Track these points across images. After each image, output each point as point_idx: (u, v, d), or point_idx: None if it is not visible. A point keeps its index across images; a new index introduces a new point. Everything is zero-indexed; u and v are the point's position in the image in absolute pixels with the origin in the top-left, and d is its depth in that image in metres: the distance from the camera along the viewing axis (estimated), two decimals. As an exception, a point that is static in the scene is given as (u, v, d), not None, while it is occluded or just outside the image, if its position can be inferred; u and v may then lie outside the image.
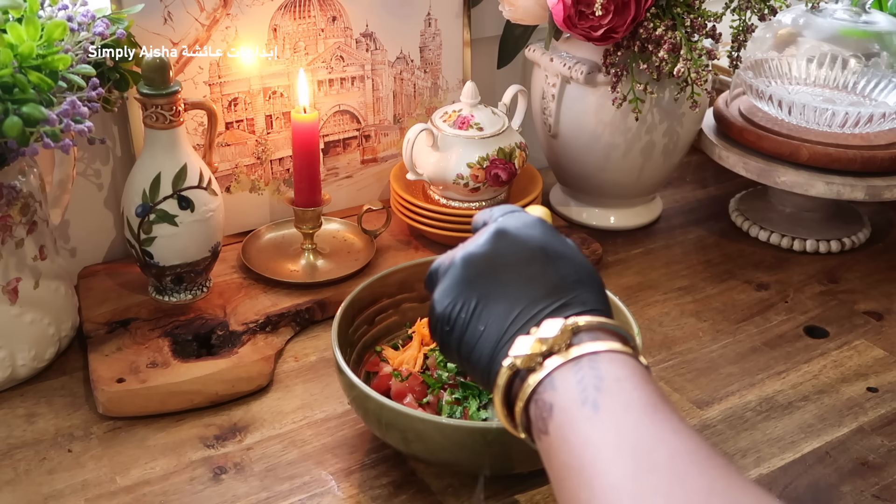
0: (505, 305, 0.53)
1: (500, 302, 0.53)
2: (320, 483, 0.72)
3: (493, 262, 0.55)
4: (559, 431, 0.47)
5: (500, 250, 0.55)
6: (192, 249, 0.87)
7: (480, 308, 0.54)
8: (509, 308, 0.53)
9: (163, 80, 0.82)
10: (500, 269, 0.54)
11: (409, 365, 0.77)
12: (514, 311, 0.53)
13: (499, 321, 0.53)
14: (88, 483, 0.72)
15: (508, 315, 0.53)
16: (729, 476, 0.42)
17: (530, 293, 0.53)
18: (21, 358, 0.80)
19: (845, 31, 1.09)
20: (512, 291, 0.53)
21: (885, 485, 0.73)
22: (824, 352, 0.90)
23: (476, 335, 0.54)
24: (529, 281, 0.54)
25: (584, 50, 1.01)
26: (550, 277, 0.54)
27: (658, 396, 0.47)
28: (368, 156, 1.10)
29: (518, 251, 0.55)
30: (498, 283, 0.54)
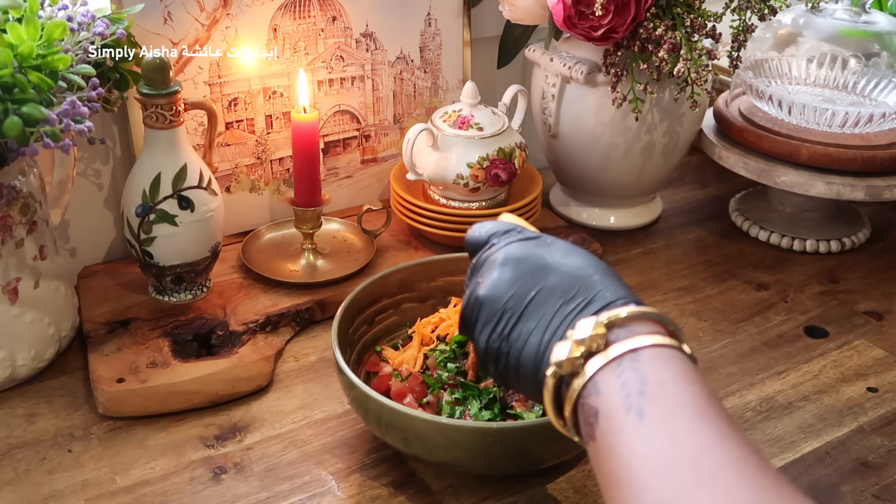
0: (536, 320, 0.55)
1: (531, 319, 0.55)
2: (320, 483, 0.72)
3: (512, 288, 0.57)
4: (605, 439, 0.47)
5: (517, 275, 0.57)
6: (192, 249, 0.87)
7: (516, 332, 0.55)
8: (541, 321, 0.54)
9: (163, 80, 0.82)
10: (521, 291, 0.56)
11: (409, 365, 0.77)
12: (546, 322, 0.54)
13: (536, 336, 0.54)
14: (88, 483, 0.72)
15: (543, 328, 0.54)
16: (778, 486, 0.42)
17: (556, 301, 0.54)
18: (21, 358, 0.80)
19: (845, 31, 1.09)
20: (539, 306, 0.55)
21: (885, 485, 0.73)
22: (824, 352, 0.90)
23: (517, 356, 0.55)
24: (551, 292, 0.55)
25: (584, 50, 1.01)
26: (569, 281, 0.55)
27: (705, 397, 0.47)
28: (368, 156, 1.10)
29: (532, 269, 0.57)
30: (524, 302, 0.56)
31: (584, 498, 0.71)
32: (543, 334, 0.54)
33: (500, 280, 0.57)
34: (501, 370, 0.57)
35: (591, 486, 0.72)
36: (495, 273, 0.58)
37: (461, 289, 0.85)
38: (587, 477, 0.73)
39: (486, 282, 0.58)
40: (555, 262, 0.57)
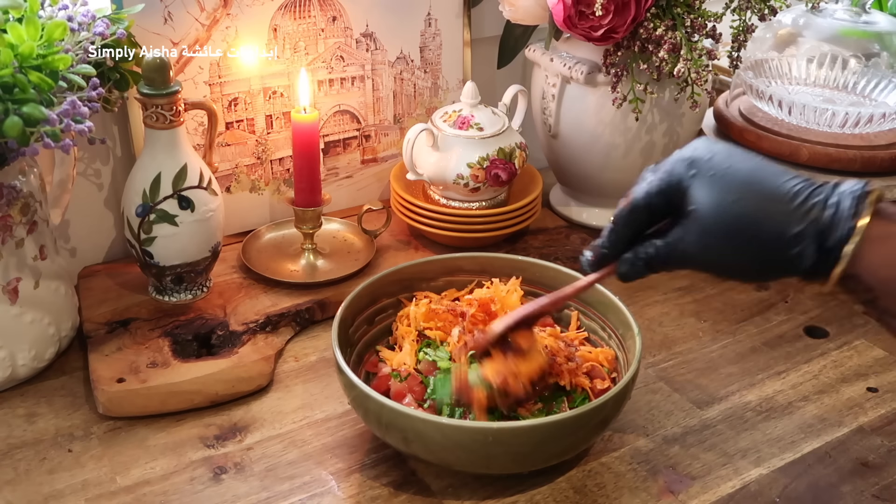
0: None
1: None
2: (320, 483, 0.72)
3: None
4: None
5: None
6: (192, 249, 0.87)
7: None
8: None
9: (163, 80, 0.82)
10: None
11: (408, 365, 0.77)
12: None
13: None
14: (88, 483, 0.72)
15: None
16: None
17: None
18: (21, 358, 0.80)
19: (845, 31, 1.09)
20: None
21: (885, 485, 0.73)
22: (824, 352, 0.90)
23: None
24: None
25: (584, 50, 1.01)
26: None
27: None
28: (368, 156, 1.10)
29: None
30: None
31: (584, 498, 0.71)
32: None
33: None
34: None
35: (591, 486, 0.72)
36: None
37: (461, 288, 0.86)
38: (587, 477, 0.73)
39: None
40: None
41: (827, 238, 0.53)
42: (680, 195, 0.58)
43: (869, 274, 0.53)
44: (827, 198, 0.54)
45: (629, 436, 0.78)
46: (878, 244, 0.52)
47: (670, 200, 0.59)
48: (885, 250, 0.52)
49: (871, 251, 0.52)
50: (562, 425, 0.67)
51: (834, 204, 0.53)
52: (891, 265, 0.52)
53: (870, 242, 0.52)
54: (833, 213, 0.53)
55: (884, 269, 0.52)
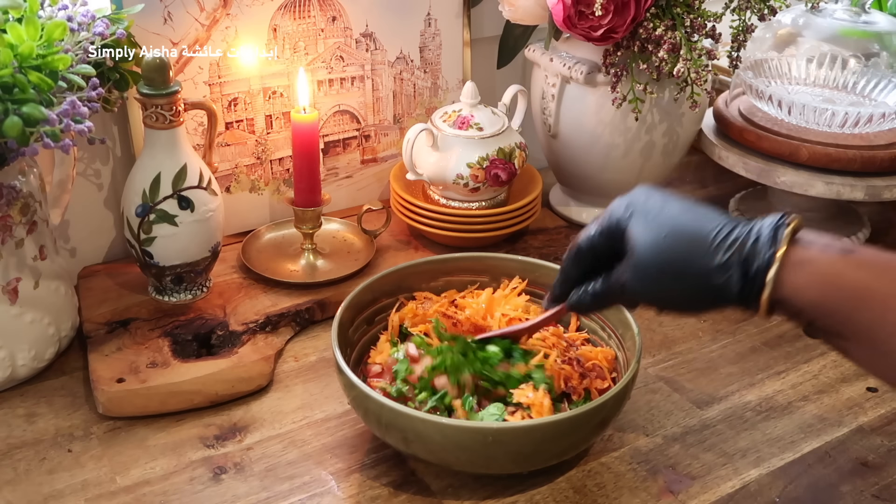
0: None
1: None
2: (320, 483, 0.72)
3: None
4: None
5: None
6: (192, 249, 0.87)
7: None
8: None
9: (163, 80, 0.82)
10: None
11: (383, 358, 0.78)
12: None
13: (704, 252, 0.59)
14: (88, 483, 0.72)
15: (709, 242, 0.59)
16: None
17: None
18: (21, 358, 0.80)
19: (845, 31, 1.09)
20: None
21: (884, 485, 0.73)
22: (824, 352, 0.90)
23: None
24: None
25: (583, 50, 1.01)
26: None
27: None
28: (368, 156, 1.10)
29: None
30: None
31: (584, 498, 0.71)
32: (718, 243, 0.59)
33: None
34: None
35: (591, 486, 0.72)
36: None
37: (461, 288, 0.86)
38: (587, 477, 0.73)
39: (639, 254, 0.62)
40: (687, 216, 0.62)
41: (750, 266, 0.57)
42: (620, 236, 0.63)
43: (795, 296, 0.56)
44: (749, 230, 0.58)
45: (629, 436, 0.78)
46: (798, 268, 0.56)
47: (612, 242, 0.63)
48: (805, 273, 0.56)
49: (793, 275, 0.56)
50: (562, 425, 0.67)
51: (755, 234, 0.57)
52: (814, 286, 0.56)
53: (790, 268, 0.56)
54: (754, 243, 0.57)
55: (808, 290, 0.56)
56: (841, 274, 0.55)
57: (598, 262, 0.66)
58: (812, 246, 0.56)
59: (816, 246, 0.56)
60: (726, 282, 0.57)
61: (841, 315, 0.55)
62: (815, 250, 0.56)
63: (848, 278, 0.55)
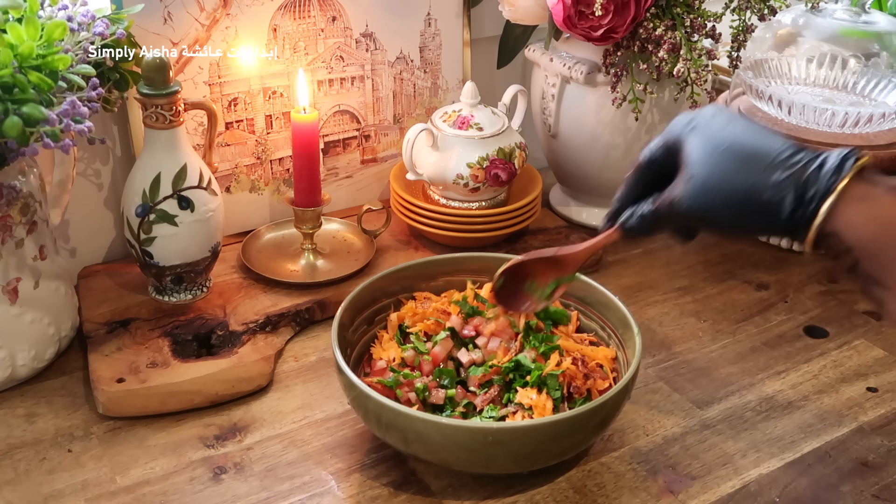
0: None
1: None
2: (320, 483, 0.72)
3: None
4: None
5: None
6: (192, 249, 0.87)
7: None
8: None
9: (163, 80, 0.82)
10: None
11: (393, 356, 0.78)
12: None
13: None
14: (88, 483, 0.72)
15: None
16: None
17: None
18: (21, 358, 0.80)
19: (845, 31, 1.09)
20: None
21: (884, 485, 0.73)
22: (824, 352, 0.90)
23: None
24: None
25: (583, 50, 1.01)
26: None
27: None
28: (368, 156, 1.10)
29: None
30: None
31: (584, 498, 0.71)
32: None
33: None
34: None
35: (591, 486, 0.72)
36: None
37: (461, 288, 0.86)
38: (587, 477, 0.73)
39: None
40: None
41: (807, 190, 0.54)
42: (678, 149, 0.60)
43: (847, 232, 0.54)
44: (815, 156, 0.56)
45: (629, 436, 0.78)
46: (857, 203, 0.53)
47: (671, 156, 0.61)
48: (864, 210, 0.53)
49: (850, 210, 0.53)
50: (562, 425, 0.67)
51: (819, 161, 0.55)
52: (869, 225, 0.53)
53: (849, 201, 0.53)
54: (817, 169, 0.55)
55: (862, 228, 0.53)
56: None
57: (658, 179, 0.63)
58: (877, 184, 0.54)
59: (882, 185, 0.54)
60: (779, 201, 0.55)
61: (890, 260, 0.52)
62: (879, 189, 0.54)
63: None
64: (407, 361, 0.77)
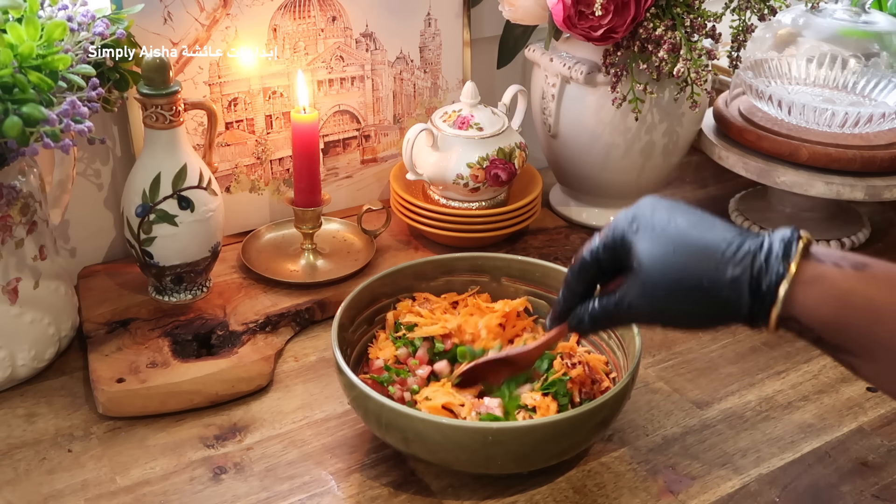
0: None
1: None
2: (320, 483, 0.72)
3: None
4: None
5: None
6: (192, 249, 0.87)
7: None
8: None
9: (163, 80, 0.82)
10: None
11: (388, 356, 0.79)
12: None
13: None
14: (88, 483, 0.72)
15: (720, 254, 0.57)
16: None
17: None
18: (21, 358, 0.80)
19: (845, 31, 1.09)
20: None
21: (884, 485, 0.73)
22: (824, 352, 0.90)
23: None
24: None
25: (583, 50, 1.01)
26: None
27: None
28: (368, 156, 1.10)
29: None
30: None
31: (584, 498, 0.71)
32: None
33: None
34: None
35: (591, 486, 0.72)
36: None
37: (461, 288, 0.86)
38: (587, 477, 0.73)
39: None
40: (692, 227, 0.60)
41: (761, 282, 0.55)
42: (625, 251, 0.60)
43: (806, 315, 0.55)
44: (760, 244, 0.56)
45: (629, 436, 0.78)
46: (810, 286, 0.54)
47: (616, 256, 0.61)
48: (818, 291, 0.54)
49: (805, 292, 0.54)
50: (562, 425, 0.67)
51: (766, 249, 0.56)
52: (825, 305, 0.54)
53: (802, 284, 0.54)
54: (765, 258, 0.55)
55: (819, 308, 0.54)
56: (854, 290, 0.53)
57: (602, 277, 0.64)
58: (825, 261, 0.55)
59: (829, 261, 0.55)
60: (737, 298, 0.56)
61: (854, 332, 0.54)
62: (827, 266, 0.54)
63: (861, 295, 0.53)
64: (400, 359, 0.78)
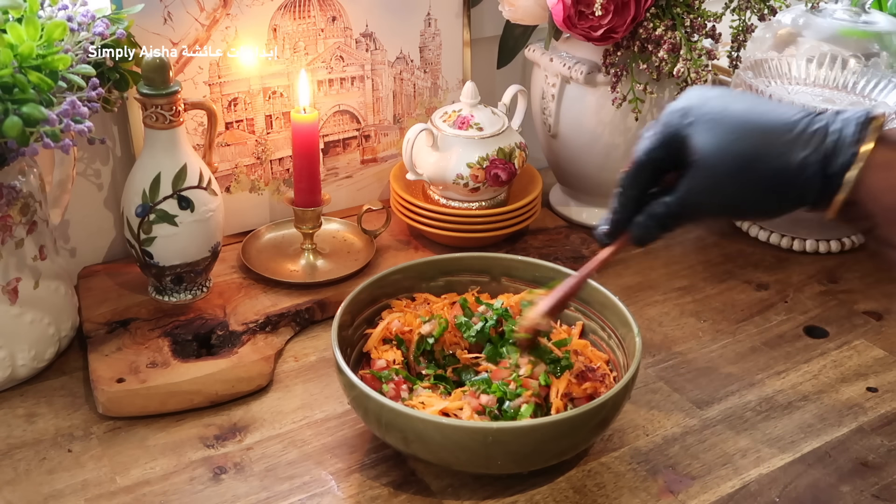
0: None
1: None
2: (320, 483, 0.72)
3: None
4: None
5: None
6: (192, 249, 0.87)
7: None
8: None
9: (163, 80, 0.82)
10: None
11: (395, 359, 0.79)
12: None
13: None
14: (88, 483, 0.72)
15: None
16: None
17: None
18: (21, 358, 0.80)
19: (845, 31, 1.09)
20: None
21: (884, 485, 0.73)
22: (824, 352, 0.90)
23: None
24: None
25: (583, 50, 1.01)
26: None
27: None
28: (368, 156, 1.10)
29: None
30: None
31: (583, 498, 0.71)
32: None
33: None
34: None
35: (591, 486, 0.72)
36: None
37: (461, 288, 0.86)
38: (587, 477, 0.73)
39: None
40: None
41: (830, 164, 0.53)
42: (680, 146, 0.58)
43: (871, 200, 0.52)
44: (829, 124, 0.54)
45: (629, 436, 0.78)
46: (881, 170, 0.52)
47: (672, 153, 0.59)
48: (889, 176, 0.52)
49: (874, 177, 0.52)
50: (562, 425, 0.67)
51: (837, 130, 0.53)
52: (892, 193, 0.52)
53: (873, 169, 0.52)
54: (836, 140, 0.53)
55: (886, 195, 0.52)
56: None
57: (658, 179, 0.61)
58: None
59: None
60: (807, 180, 0.53)
61: None
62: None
63: None
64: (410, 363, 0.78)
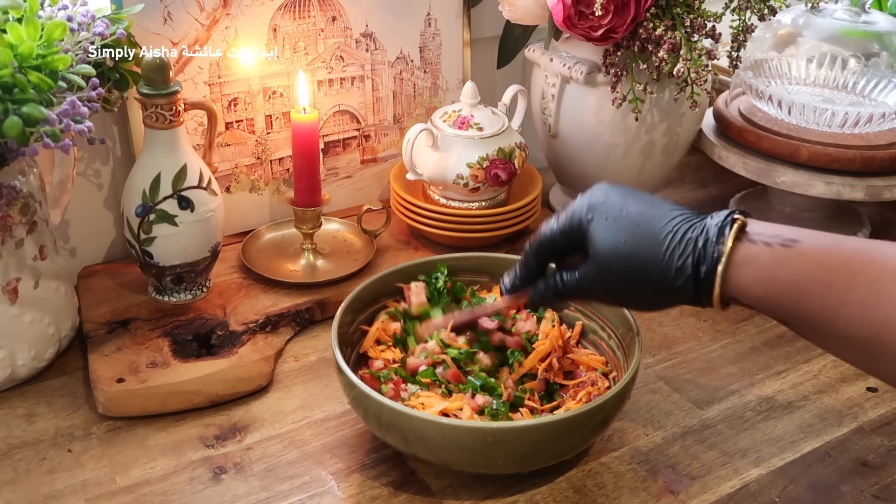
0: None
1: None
2: (320, 483, 0.72)
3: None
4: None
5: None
6: (192, 249, 0.87)
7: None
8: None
9: (163, 80, 0.82)
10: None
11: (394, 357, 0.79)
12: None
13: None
14: (88, 483, 0.72)
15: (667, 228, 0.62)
16: None
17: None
18: (21, 358, 0.80)
19: (845, 31, 1.09)
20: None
21: (884, 485, 0.73)
22: (824, 352, 0.90)
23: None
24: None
25: (583, 50, 1.01)
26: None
27: None
28: (368, 156, 1.10)
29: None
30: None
31: (584, 498, 0.71)
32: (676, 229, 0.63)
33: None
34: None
35: (591, 486, 0.72)
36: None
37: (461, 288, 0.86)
38: (587, 477, 0.73)
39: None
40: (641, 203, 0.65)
41: (700, 267, 0.59)
42: (581, 237, 0.65)
43: (741, 294, 0.59)
44: (699, 230, 0.60)
45: (629, 436, 0.78)
46: (743, 267, 0.58)
47: (571, 242, 0.66)
48: (749, 271, 0.58)
49: (738, 273, 0.58)
50: (562, 425, 0.67)
51: (703, 235, 0.60)
52: (756, 283, 0.58)
53: (735, 266, 0.58)
54: (703, 244, 0.60)
55: (751, 288, 0.58)
56: (780, 267, 0.57)
57: (558, 257, 0.69)
58: (756, 241, 0.58)
59: (761, 240, 0.58)
60: (683, 284, 0.60)
61: (784, 308, 0.57)
62: (759, 246, 0.58)
63: (787, 272, 0.57)
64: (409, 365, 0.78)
